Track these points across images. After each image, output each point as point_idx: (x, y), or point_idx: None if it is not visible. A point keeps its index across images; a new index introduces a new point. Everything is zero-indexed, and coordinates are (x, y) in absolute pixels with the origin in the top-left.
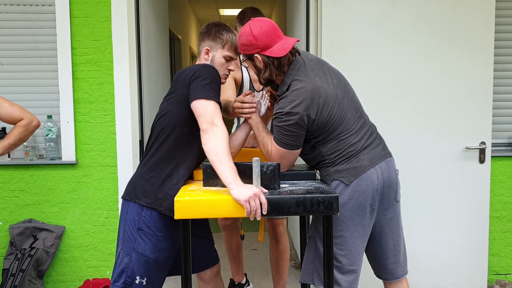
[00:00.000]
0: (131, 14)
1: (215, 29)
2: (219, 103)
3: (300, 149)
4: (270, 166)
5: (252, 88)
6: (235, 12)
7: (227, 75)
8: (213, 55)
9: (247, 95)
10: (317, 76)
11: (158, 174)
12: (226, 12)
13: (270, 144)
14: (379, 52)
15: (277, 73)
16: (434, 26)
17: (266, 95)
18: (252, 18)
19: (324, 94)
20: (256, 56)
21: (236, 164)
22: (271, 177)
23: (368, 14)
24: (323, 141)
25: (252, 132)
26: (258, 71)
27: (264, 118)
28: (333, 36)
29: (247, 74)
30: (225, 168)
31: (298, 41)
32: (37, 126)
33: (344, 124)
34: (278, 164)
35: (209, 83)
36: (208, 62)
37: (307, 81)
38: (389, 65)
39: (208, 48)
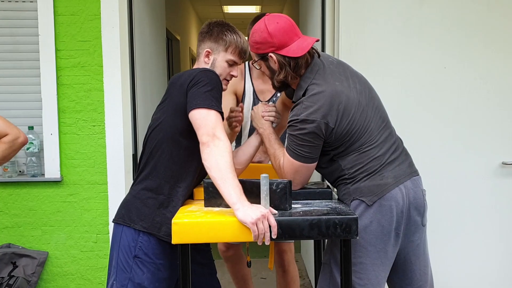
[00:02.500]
0: (123, 12)
1: (217, 29)
2: (221, 113)
3: (316, 162)
4: (281, 183)
5: (257, 100)
6: (241, 9)
7: (228, 80)
8: (214, 58)
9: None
10: (337, 80)
11: (155, 195)
12: (231, 9)
13: (282, 157)
14: (403, 55)
15: (293, 75)
16: (466, 25)
17: (269, 110)
18: (267, 14)
19: (344, 100)
20: (270, 56)
21: (241, 181)
22: (282, 196)
23: (392, 12)
24: (343, 153)
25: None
26: (271, 73)
27: (277, 129)
28: (351, 37)
29: (250, 85)
30: (229, 186)
31: (317, 40)
32: (24, 143)
33: (367, 135)
34: (290, 182)
35: (209, 90)
36: (208, 66)
37: (326, 86)
38: (414, 69)
39: (209, 50)
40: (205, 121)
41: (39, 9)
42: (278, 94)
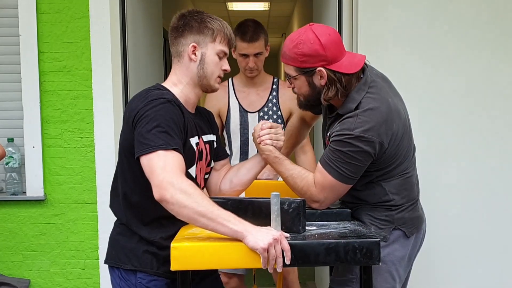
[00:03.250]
0: (115, 9)
1: (197, 18)
2: (175, 148)
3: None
4: (293, 203)
5: (245, 113)
6: (247, 7)
7: (221, 77)
8: (202, 53)
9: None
10: (388, 96)
11: (132, 231)
12: (236, 6)
13: (310, 175)
14: (432, 54)
15: (343, 92)
16: (504, 22)
17: (264, 133)
18: (312, 24)
19: (397, 119)
20: (319, 70)
21: (249, 201)
22: (294, 217)
23: (418, 6)
24: (386, 176)
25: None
26: (311, 90)
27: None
28: (372, 34)
29: (235, 99)
30: (222, 222)
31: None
32: (1, 157)
33: (408, 160)
34: (303, 201)
35: (154, 126)
36: (196, 64)
37: (381, 101)
38: (445, 73)
39: (195, 44)
40: (151, 170)
41: (20, 6)
42: (270, 104)
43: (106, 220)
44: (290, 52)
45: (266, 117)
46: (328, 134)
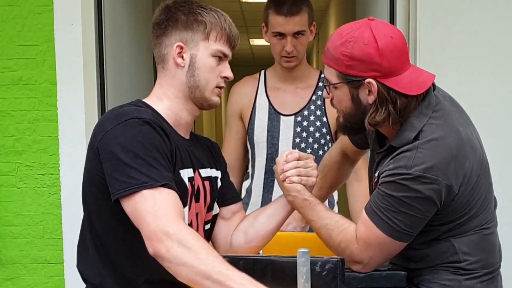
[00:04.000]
0: (88, 1)
1: (184, 10)
2: (164, 184)
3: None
4: (328, 263)
5: (276, 115)
6: None
7: (222, 87)
8: (192, 55)
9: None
10: (459, 124)
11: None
12: None
13: (351, 226)
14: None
15: (396, 118)
16: None
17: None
18: (371, 18)
19: (471, 154)
20: (369, 83)
21: (269, 260)
22: (330, 282)
23: (497, 2)
24: (458, 231)
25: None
26: (354, 108)
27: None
28: (435, 40)
29: (265, 97)
30: (232, 284)
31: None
32: None
33: (487, 212)
34: (342, 260)
35: (132, 157)
36: (184, 70)
37: (450, 130)
38: None
39: (181, 44)
40: (139, 218)
41: None
42: (312, 107)
43: (76, 285)
44: (335, 50)
45: (305, 123)
46: (376, 174)
